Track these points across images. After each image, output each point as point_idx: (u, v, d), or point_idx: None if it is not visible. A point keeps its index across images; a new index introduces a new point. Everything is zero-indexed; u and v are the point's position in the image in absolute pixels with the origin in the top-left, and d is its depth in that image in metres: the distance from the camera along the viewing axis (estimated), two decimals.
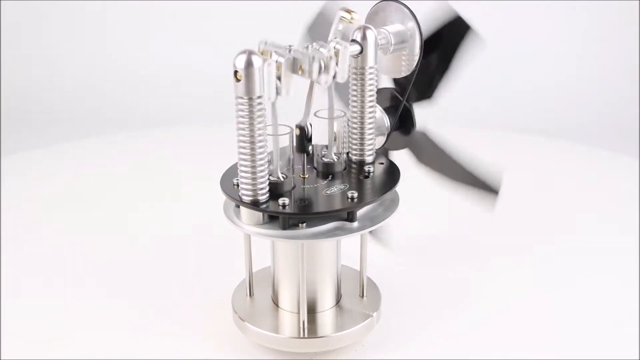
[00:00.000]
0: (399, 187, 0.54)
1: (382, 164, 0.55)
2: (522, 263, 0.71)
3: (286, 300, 0.56)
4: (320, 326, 0.55)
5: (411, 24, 0.53)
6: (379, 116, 0.57)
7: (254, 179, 0.48)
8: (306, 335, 0.54)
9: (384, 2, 0.54)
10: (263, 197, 0.49)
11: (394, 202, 0.53)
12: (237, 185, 0.50)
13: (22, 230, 0.79)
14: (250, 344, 0.58)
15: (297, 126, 0.51)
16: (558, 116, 1.59)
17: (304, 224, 0.49)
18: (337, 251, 0.56)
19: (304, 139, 0.51)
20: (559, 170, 0.98)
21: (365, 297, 0.58)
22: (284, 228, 0.49)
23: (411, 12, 0.53)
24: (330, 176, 0.53)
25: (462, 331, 0.60)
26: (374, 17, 0.55)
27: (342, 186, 0.51)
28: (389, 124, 0.57)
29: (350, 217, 0.50)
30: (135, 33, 1.75)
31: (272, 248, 0.56)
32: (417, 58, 0.54)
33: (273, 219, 0.50)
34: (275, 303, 0.57)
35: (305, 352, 0.56)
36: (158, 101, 1.67)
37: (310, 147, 0.52)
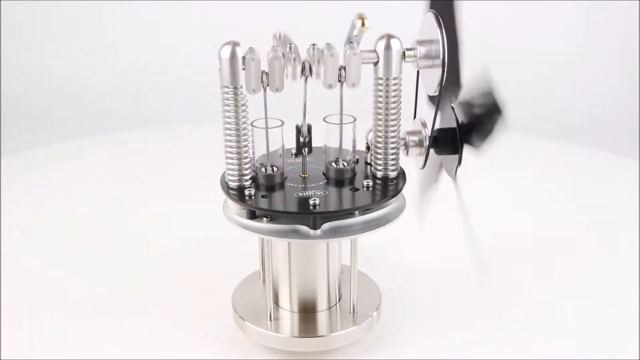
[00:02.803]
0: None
1: (392, 182, 0.53)
2: (522, 264, 0.71)
3: (287, 299, 0.57)
4: (320, 326, 0.55)
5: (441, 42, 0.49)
6: (422, 136, 0.54)
7: (239, 165, 0.51)
8: (273, 330, 0.54)
9: (432, 12, 0.50)
10: (247, 184, 0.51)
11: (382, 221, 0.51)
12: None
13: (22, 230, 0.79)
14: (250, 344, 0.58)
15: (296, 126, 0.51)
16: (558, 116, 1.60)
17: (268, 219, 0.50)
18: (337, 251, 0.56)
19: (298, 139, 0.52)
20: (559, 171, 0.98)
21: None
22: (249, 218, 0.51)
23: (440, 30, 0.49)
24: (326, 181, 0.53)
25: (462, 331, 0.60)
26: (424, 26, 0.52)
27: (320, 192, 0.51)
28: (427, 144, 0.54)
29: (313, 224, 0.49)
30: (134, 33, 1.75)
31: (273, 248, 0.56)
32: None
33: None
34: (275, 302, 0.57)
35: (305, 352, 0.56)
36: (158, 101, 1.67)
37: (305, 150, 0.52)
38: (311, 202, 0.49)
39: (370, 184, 0.52)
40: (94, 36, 1.75)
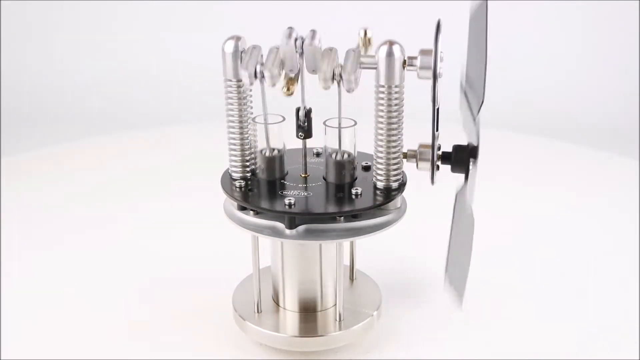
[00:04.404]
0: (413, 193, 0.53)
1: (390, 193, 0.51)
2: (522, 264, 0.71)
3: (287, 299, 0.57)
4: (320, 325, 0.55)
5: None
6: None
7: (242, 157, 0.53)
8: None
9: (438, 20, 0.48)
10: (248, 176, 0.54)
11: (365, 230, 0.50)
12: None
13: (22, 231, 0.79)
14: (251, 343, 0.58)
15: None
16: (558, 116, 1.60)
17: (254, 213, 0.51)
18: (337, 251, 0.56)
19: (297, 121, 0.52)
20: (559, 171, 0.98)
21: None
22: (239, 209, 0.52)
23: (435, 42, 0.47)
24: (322, 182, 0.53)
25: (464, 332, 0.60)
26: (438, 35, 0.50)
27: (305, 193, 0.51)
28: (432, 159, 0.51)
29: (289, 223, 0.50)
30: (135, 32, 1.75)
31: (271, 246, 0.56)
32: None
33: None
34: (276, 302, 0.57)
35: (306, 351, 0.56)
36: (159, 101, 1.67)
37: (300, 134, 0.52)
38: (286, 201, 0.49)
39: (360, 191, 0.51)
40: (94, 36, 1.75)
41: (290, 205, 0.49)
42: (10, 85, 1.71)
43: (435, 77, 0.48)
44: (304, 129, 0.52)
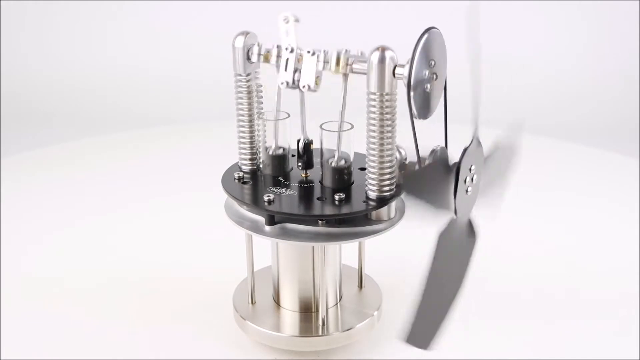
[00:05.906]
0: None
1: (374, 202, 0.50)
2: (520, 263, 0.71)
3: (287, 299, 0.56)
4: (320, 325, 0.55)
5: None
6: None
7: (250, 149, 0.54)
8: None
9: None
10: (254, 168, 0.55)
11: (343, 237, 0.50)
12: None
13: (22, 231, 0.79)
14: (251, 343, 0.58)
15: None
16: (558, 116, 1.60)
17: (247, 206, 0.52)
18: (337, 251, 0.56)
19: (297, 151, 0.53)
20: (558, 170, 0.98)
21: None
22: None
23: (414, 51, 0.45)
24: (314, 183, 0.53)
25: (463, 331, 0.60)
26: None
27: (289, 191, 0.51)
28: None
29: (268, 220, 0.50)
30: (134, 32, 1.75)
31: (272, 246, 0.56)
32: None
33: None
34: (277, 302, 0.57)
35: (306, 351, 0.56)
36: (159, 101, 1.67)
37: (298, 165, 0.53)
38: (266, 198, 0.50)
39: (343, 197, 0.50)
40: (94, 36, 1.75)
41: (269, 202, 0.50)
42: (10, 85, 1.70)
43: (409, 88, 0.46)
44: (304, 160, 0.53)
